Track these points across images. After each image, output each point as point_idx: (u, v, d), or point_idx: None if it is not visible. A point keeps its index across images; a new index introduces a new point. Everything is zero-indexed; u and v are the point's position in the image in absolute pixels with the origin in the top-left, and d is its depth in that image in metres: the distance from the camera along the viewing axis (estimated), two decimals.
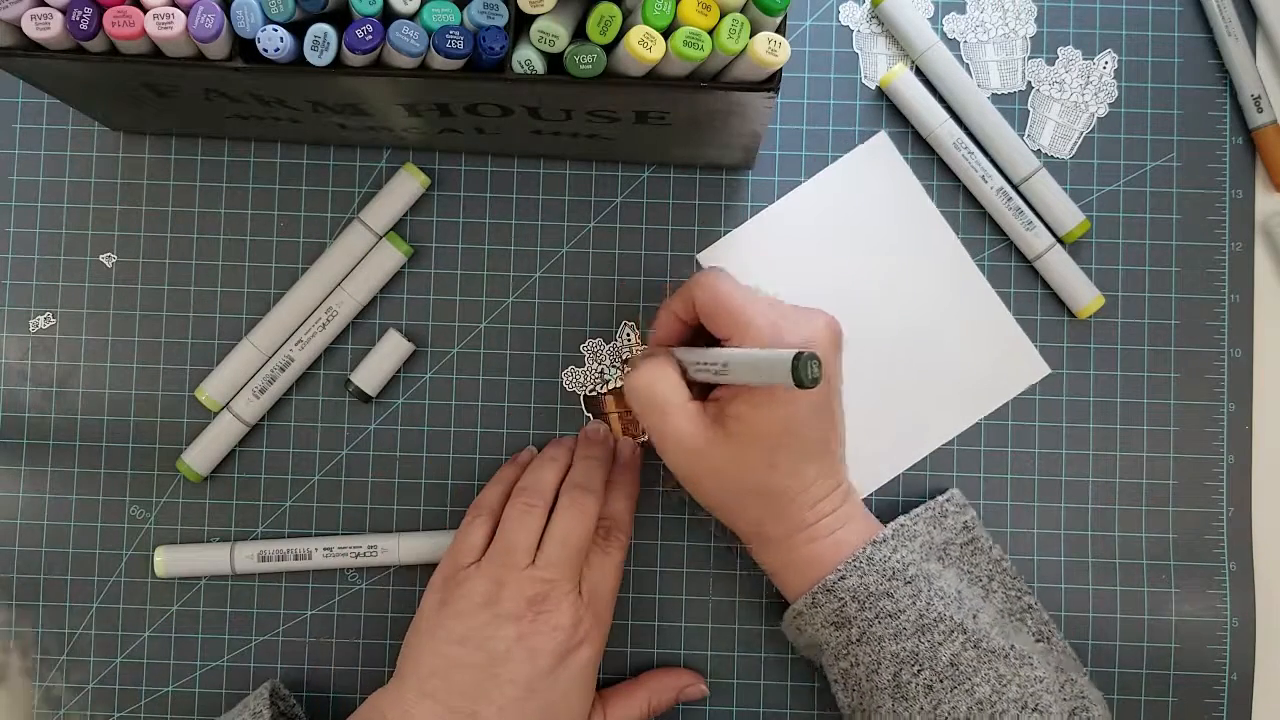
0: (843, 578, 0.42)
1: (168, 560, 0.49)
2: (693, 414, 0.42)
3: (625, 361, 0.50)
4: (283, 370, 0.48)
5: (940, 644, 0.41)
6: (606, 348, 0.50)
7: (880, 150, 0.50)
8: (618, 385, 0.50)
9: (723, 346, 0.43)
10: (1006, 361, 0.50)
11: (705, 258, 0.50)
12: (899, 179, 0.50)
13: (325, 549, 0.49)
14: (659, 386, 0.43)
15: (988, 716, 0.40)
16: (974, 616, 0.42)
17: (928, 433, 0.50)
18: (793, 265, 0.50)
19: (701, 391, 0.44)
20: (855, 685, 0.43)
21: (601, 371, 0.50)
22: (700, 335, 0.45)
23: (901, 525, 0.44)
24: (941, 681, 0.41)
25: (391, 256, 0.49)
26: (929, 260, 0.50)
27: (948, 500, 0.47)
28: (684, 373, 0.44)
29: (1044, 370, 0.50)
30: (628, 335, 0.50)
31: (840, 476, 0.44)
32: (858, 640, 0.42)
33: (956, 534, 0.46)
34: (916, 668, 0.41)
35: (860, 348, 0.50)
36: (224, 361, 0.49)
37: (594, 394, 0.50)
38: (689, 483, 0.44)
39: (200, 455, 0.49)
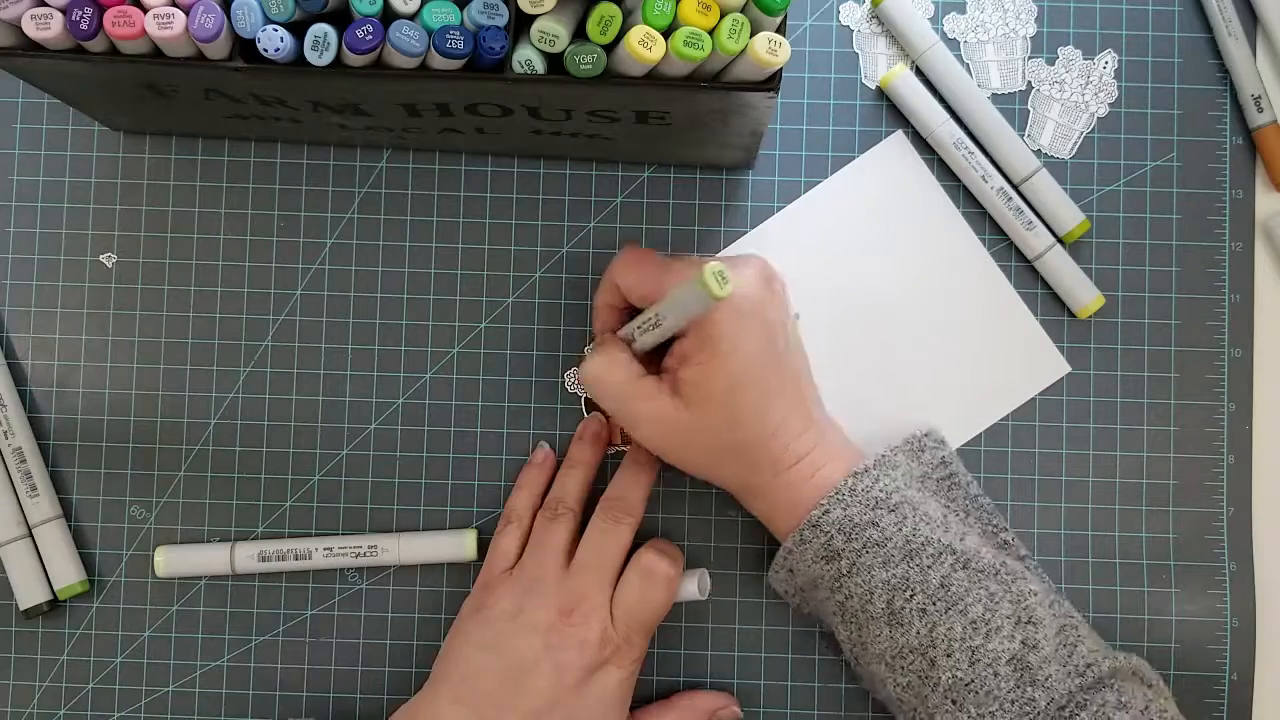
0: (827, 511, 0.42)
1: (168, 560, 0.49)
2: (649, 389, 0.43)
3: None
4: (24, 462, 0.49)
5: (929, 567, 0.42)
6: None
7: (898, 149, 0.50)
8: None
9: None
10: (1027, 360, 0.50)
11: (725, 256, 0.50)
12: (917, 178, 0.50)
13: (325, 549, 0.49)
14: (610, 371, 0.44)
15: (983, 634, 0.41)
16: (961, 539, 0.43)
17: (953, 429, 0.50)
18: (812, 264, 0.50)
19: (654, 366, 0.45)
20: (852, 618, 0.43)
21: None
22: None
23: (882, 456, 0.45)
24: (935, 604, 0.41)
25: None
26: (948, 258, 0.50)
27: (926, 435, 0.47)
28: (634, 353, 0.45)
29: (1064, 369, 0.50)
30: None
31: (810, 415, 0.44)
32: (848, 572, 0.42)
33: (934, 468, 0.46)
34: (909, 593, 0.41)
35: (882, 345, 0.50)
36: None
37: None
38: (664, 454, 0.45)
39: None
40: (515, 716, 0.42)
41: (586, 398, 0.50)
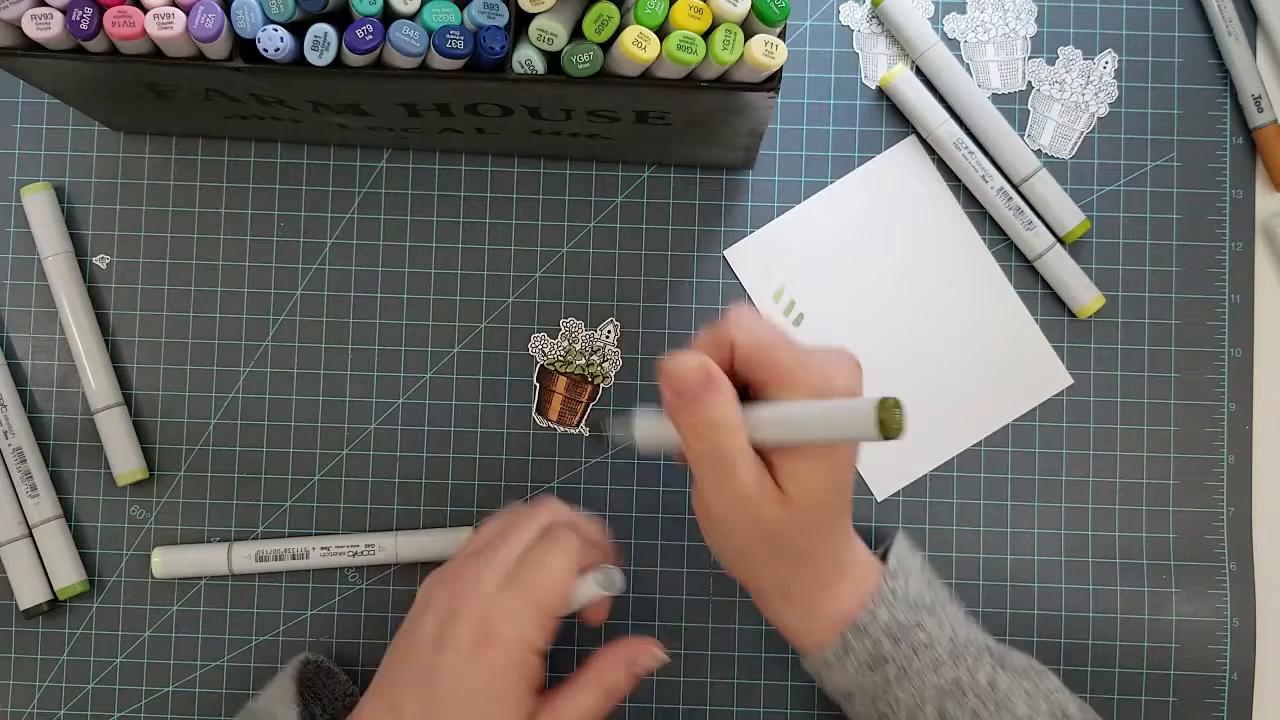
0: (874, 615, 0.40)
1: (165, 561, 0.49)
2: (759, 471, 0.38)
3: (595, 352, 0.50)
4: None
5: (975, 669, 0.40)
6: (584, 332, 0.50)
7: (910, 153, 0.50)
8: (575, 372, 0.50)
9: (758, 397, 0.39)
10: (1030, 371, 0.50)
11: (732, 255, 0.50)
12: (928, 182, 0.50)
13: (322, 548, 0.49)
14: (727, 436, 0.38)
15: None
16: (988, 636, 0.42)
17: (953, 436, 0.50)
18: (819, 265, 0.50)
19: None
20: None
21: (567, 349, 0.50)
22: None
23: (898, 561, 0.43)
24: (985, 706, 0.40)
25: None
26: (955, 266, 0.50)
27: (899, 541, 0.45)
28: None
29: (1066, 381, 0.50)
30: (608, 332, 0.50)
31: (848, 522, 0.42)
32: (896, 679, 0.40)
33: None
34: (961, 695, 0.40)
35: (888, 350, 0.50)
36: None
37: (551, 368, 0.50)
38: (728, 542, 0.40)
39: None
40: (405, 686, 0.39)
41: (541, 367, 0.49)
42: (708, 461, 0.38)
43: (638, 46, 0.35)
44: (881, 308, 0.50)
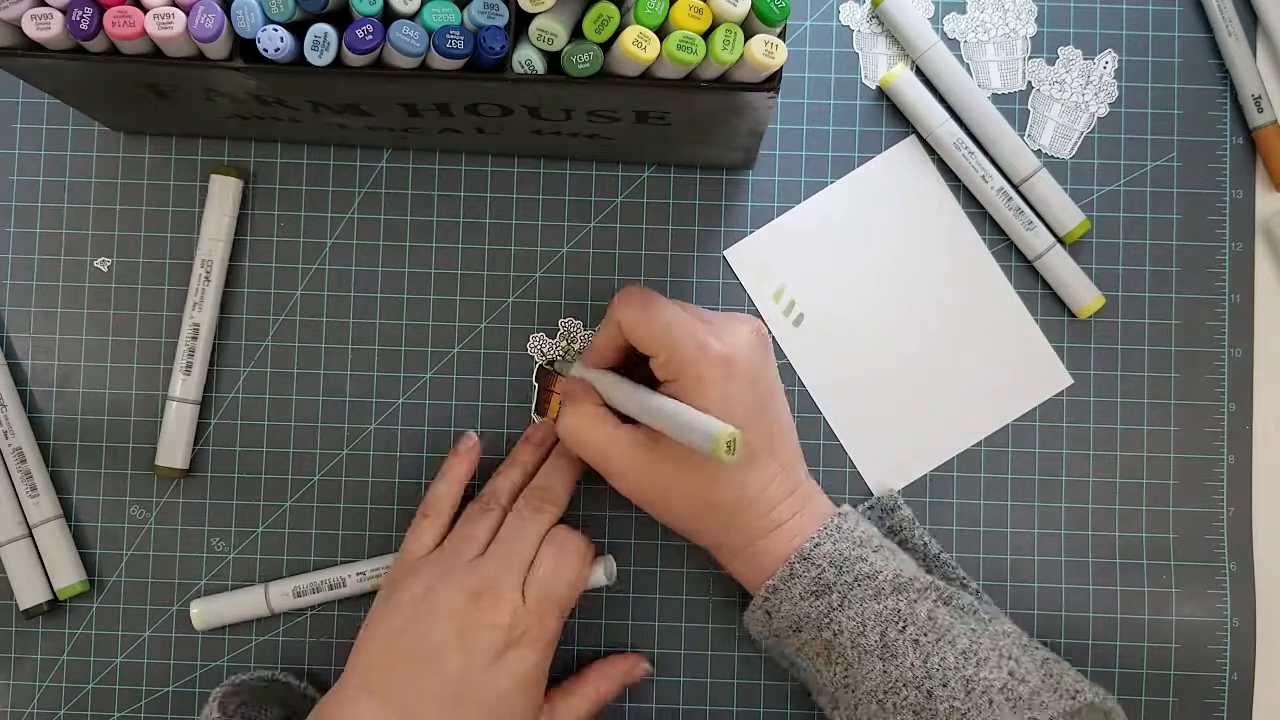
0: (818, 545, 0.43)
1: (204, 612, 0.49)
2: (625, 444, 0.43)
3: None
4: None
5: (917, 601, 0.42)
6: (583, 332, 0.50)
7: (909, 154, 0.50)
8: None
9: (650, 365, 0.43)
10: (1030, 371, 0.50)
11: (732, 255, 0.50)
12: (928, 182, 0.50)
13: (359, 574, 0.49)
14: (586, 428, 0.44)
15: (974, 664, 0.41)
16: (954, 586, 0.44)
17: (953, 436, 0.50)
18: (819, 265, 0.50)
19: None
20: (840, 656, 0.42)
21: (565, 349, 0.50)
22: (636, 353, 0.45)
23: (854, 509, 0.45)
24: (925, 635, 0.41)
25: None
26: (955, 266, 0.50)
27: (879, 500, 0.48)
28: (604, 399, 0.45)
29: (1066, 381, 0.50)
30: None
31: (796, 479, 0.44)
32: (840, 605, 0.42)
33: (890, 533, 0.48)
34: (901, 624, 0.42)
35: (887, 350, 0.50)
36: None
37: (549, 367, 0.50)
38: (645, 507, 0.45)
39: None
40: (426, 699, 0.41)
41: (540, 366, 0.50)
42: (584, 454, 0.45)
43: (638, 46, 0.35)
44: (881, 308, 0.50)
